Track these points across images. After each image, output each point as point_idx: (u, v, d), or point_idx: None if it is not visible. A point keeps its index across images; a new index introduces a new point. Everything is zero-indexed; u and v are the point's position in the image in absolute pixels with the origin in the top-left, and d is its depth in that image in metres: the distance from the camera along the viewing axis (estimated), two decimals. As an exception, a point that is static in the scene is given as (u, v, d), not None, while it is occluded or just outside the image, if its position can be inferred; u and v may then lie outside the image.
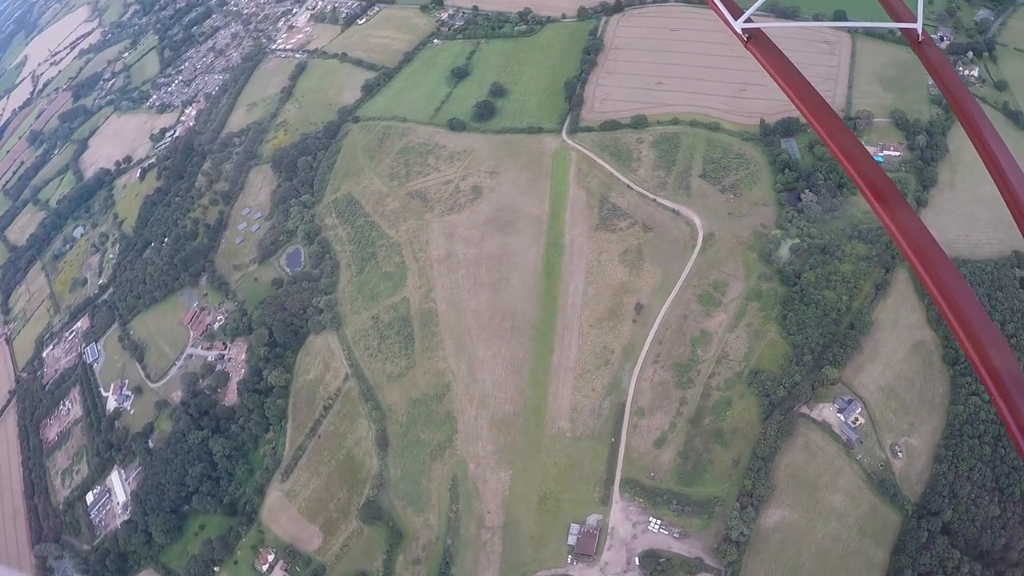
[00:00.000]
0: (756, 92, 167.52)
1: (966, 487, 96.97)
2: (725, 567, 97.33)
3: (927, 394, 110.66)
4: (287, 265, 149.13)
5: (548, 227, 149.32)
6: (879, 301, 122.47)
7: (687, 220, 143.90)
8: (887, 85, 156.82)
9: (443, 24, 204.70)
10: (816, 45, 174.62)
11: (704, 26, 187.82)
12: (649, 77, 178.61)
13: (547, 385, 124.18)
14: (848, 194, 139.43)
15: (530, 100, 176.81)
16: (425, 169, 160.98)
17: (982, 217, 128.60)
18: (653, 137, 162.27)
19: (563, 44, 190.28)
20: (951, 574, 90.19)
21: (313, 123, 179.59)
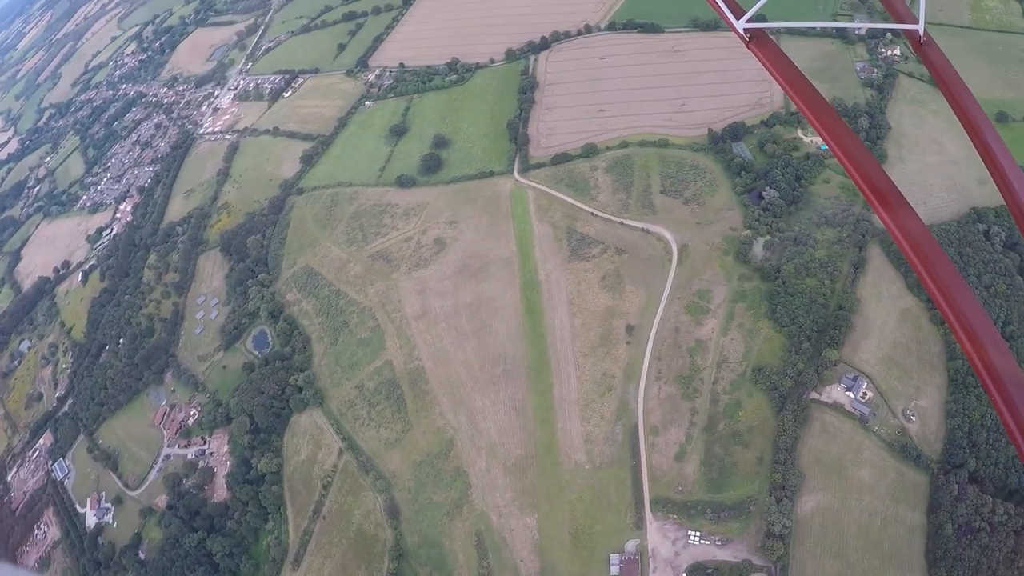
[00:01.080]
0: (696, 104, 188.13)
1: (982, 434, 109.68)
2: (774, 563, 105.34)
3: (924, 356, 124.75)
4: (255, 348, 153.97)
5: (520, 267, 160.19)
6: (860, 279, 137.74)
7: (658, 236, 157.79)
8: (818, 76, 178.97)
9: (371, 85, 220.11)
10: (743, 50, 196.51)
11: (631, 50, 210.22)
12: (589, 106, 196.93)
13: (554, 422, 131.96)
14: (807, 184, 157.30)
15: (475, 146, 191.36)
16: (382, 229, 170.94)
17: (935, 183, 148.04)
18: (606, 163, 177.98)
19: (497, 87, 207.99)
20: (988, 519, 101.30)
21: (256, 201, 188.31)
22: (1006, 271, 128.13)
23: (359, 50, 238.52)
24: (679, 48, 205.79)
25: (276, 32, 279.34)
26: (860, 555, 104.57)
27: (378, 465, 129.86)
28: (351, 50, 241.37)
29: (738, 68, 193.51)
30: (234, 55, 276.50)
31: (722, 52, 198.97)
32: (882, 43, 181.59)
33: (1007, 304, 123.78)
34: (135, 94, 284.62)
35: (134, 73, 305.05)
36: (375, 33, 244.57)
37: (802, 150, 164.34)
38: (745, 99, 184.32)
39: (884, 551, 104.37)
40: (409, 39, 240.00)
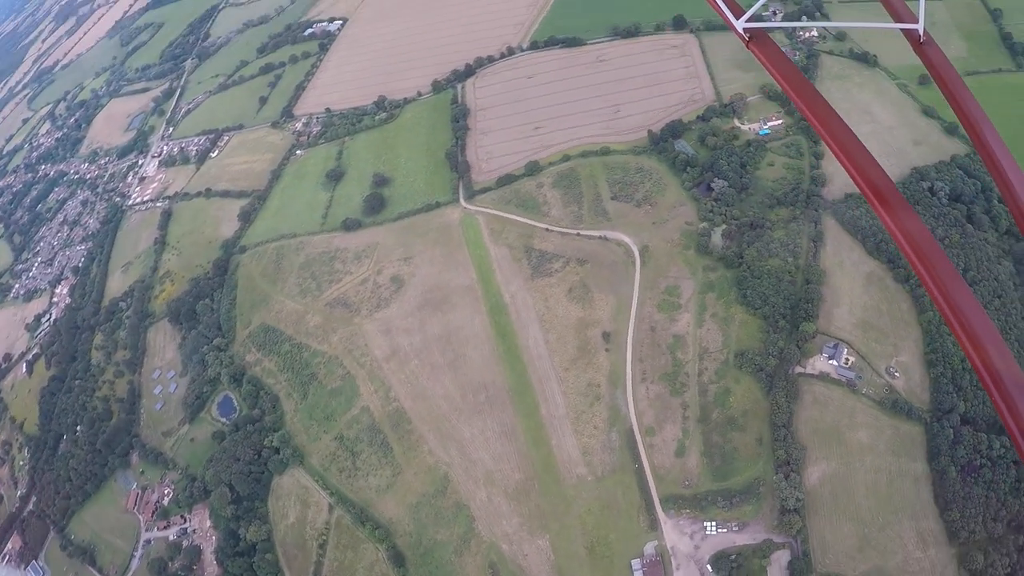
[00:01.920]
0: (631, 109, 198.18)
1: (965, 377, 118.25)
2: (794, 537, 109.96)
3: (896, 314, 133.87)
4: (221, 415, 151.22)
5: (483, 292, 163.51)
6: (820, 251, 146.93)
7: (617, 242, 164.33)
8: (744, 66, 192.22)
9: (300, 134, 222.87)
10: (667, 51, 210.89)
11: (557, 66, 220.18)
12: (524, 126, 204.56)
13: (547, 440, 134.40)
14: (753, 170, 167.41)
15: (416, 180, 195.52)
16: (335, 276, 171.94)
17: (874, 150, 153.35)
18: (551, 178, 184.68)
19: (429, 119, 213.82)
20: (987, 455, 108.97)
21: (199, 265, 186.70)
22: (956, 221, 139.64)
23: (282, 101, 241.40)
24: (604, 58, 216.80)
25: (194, 93, 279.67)
26: (874, 513, 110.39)
27: (373, 514, 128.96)
28: (273, 102, 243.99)
29: (664, 69, 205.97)
30: (153, 122, 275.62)
31: (646, 56, 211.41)
32: (799, 27, 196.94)
33: (963, 252, 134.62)
34: (56, 173, 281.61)
35: (52, 152, 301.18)
36: (296, 82, 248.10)
37: (742, 138, 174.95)
38: (677, 97, 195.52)
39: (895, 505, 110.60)
40: (331, 83, 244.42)
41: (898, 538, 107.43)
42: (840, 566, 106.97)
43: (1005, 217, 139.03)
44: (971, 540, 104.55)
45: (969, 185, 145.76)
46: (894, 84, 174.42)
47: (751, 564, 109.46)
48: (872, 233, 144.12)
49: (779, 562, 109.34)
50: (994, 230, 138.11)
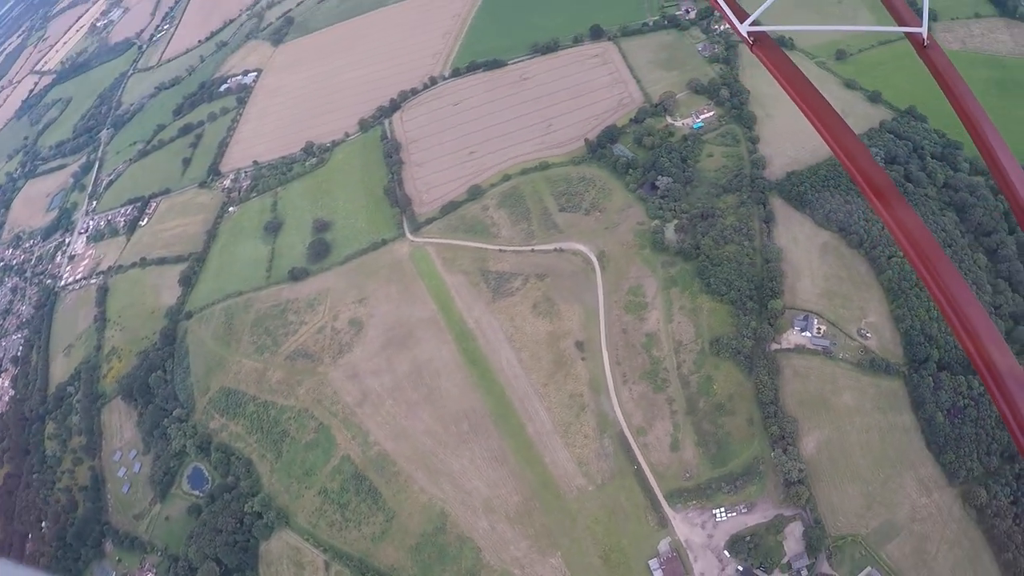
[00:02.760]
0: (562, 122, 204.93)
1: (933, 326, 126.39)
2: (803, 507, 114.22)
3: (856, 279, 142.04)
4: (194, 488, 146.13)
5: (446, 322, 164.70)
6: (773, 230, 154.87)
7: (573, 252, 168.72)
8: (667, 66, 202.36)
9: (230, 191, 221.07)
10: (588, 61, 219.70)
11: (481, 89, 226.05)
12: (459, 152, 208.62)
13: (540, 457, 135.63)
14: (694, 163, 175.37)
15: (358, 220, 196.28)
16: (290, 328, 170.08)
17: (804, 128, 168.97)
18: (495, 199, 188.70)
19: (361, 158, 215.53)
20: (968, 395, 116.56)
21: (145, 338, 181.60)
22: (896, 182, 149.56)
23: (206, 160, 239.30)
24: (527, 75, 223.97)
25: (113, 164, 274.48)
26: (873, 470, 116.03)
27: (373, 564, 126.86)
28: (198, 162, 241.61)
29: (589, 79, 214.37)
30: (75, 198, 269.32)
31: (569, 69, 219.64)
32: (714, 21, 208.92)
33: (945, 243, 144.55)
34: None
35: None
36: (218, 139, 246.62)
37: (677, 135, 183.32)
38: (607, 104, 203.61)
39: (891, 458, 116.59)
40: (255, 136, 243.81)
41: (901, 489, 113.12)
42: (853, 526, 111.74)
43: (941, 172, 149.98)
44: (970, 478, 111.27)
45: (902, 147, 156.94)
46: (813, 63, 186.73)
47: (767, 542, 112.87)
48: (819, 206, 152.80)
49: (793, 534, 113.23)
50: (932, 185, 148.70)
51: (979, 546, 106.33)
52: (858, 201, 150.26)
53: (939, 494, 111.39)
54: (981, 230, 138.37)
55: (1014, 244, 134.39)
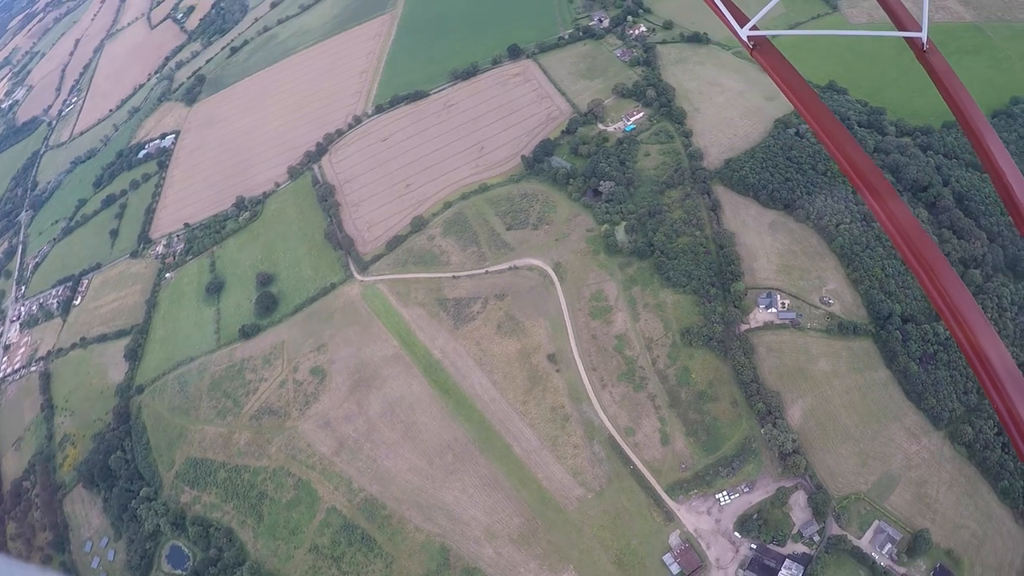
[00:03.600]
0: (494, 143, 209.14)
1: (889, 283, 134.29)
2: (802, 475, 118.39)
3: (809, 250, 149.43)
4: (175, 567, 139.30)
5: (411, 357, 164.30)
6: (721, 216, 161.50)
7: (528, 267, 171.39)
8: (589, 75, 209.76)
9: (164, 256, 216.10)
10: (511, 81, 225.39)
11: (408, 122, 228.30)
12: (395, 187, 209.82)
13: (534, 475, 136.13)
14: (632, 164, 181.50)
15: (302, 269, 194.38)
16: (250, 387, 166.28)
17: (734, 116, 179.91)
18: (440, 228, 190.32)
19: (295, 206, 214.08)
20: (935, 340, 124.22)
21: (98, 420, 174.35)
22: (826, 156, 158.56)
23: (134, 229, 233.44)
24: (451, 102, 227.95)
25: (37, 245, 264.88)
26: (861, 428, 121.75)
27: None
28: (126, 232, 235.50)
29: (514, 97, 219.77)
30: (2, 285, 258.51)
31: (493, 90, 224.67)
32: (627, 27, 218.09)
33: (838, 179, 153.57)
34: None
35: None
36: (144, 206, 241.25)
37: (612, 139, 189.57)
38: (536, 119, 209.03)
39: (876, 414, 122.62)
40: (182, 198, 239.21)
41: (891, 442, 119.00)
42: (853, 485, 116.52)
43: (871, 138, 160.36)
44: (953, 418, 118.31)
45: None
46: (730, 54, 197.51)
47: (774, 516, 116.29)
48: (762, 187, 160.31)
49: (798, 503, 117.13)
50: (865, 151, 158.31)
51: (975, 480, 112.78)
52: (798, 177, 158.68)
53: (927, 439, 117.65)
54: (918, 186, 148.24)
55: (951, 195, 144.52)
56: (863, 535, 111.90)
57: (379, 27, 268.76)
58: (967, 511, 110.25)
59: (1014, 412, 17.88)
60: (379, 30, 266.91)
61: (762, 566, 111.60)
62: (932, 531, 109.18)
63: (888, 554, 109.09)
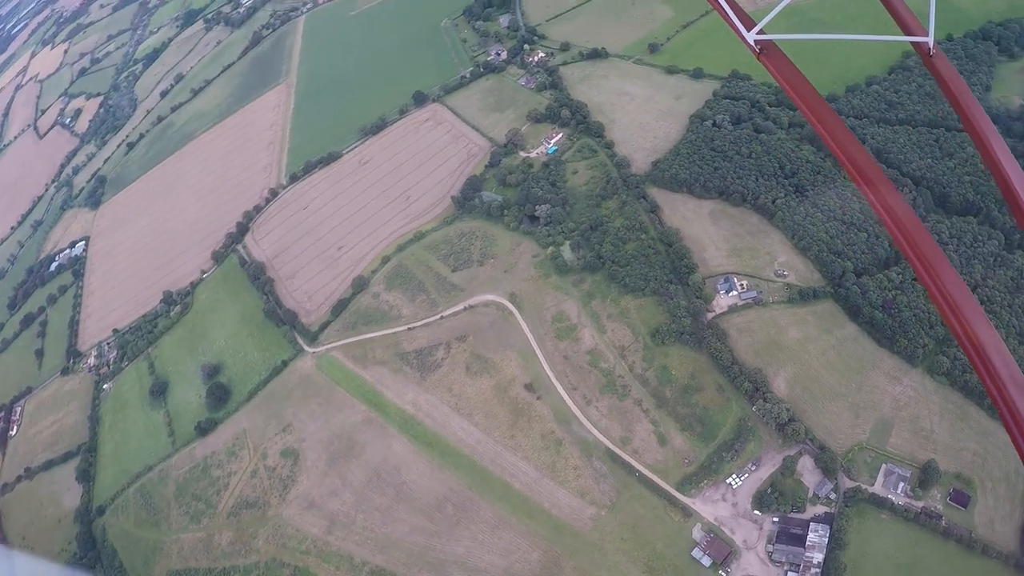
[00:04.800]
0: (419, 190, 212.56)
1: (836, 243, 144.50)
2: (803, 441, 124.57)
3: (752, 230, 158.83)
4: None
5: (384, 417, 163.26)
6: (661, 216, 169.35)
7: (483, 304, 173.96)
8: (499, 107, 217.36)
9: (98, 367, 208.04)
10: (423, 127, 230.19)
11: (326, 186, 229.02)
12: (327, 252, 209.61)
13: (540, 505, 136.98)
14: (563, 184, 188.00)
15: (248, 353, 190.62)
16: (220, 484, 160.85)
17: (648, 121, 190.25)
18: (383, 283, 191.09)
19: (227, 290, 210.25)
20: (892, 285, 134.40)
21: (62, 551, 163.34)
22: (750, 137, 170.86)
23: (60, 345, 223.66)
24: (366, 159, 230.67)
25: None
26: (845, 383, 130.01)
27: None
28: (52, 350, 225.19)
29: (430, 142, 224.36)
30: None
31: (406, 139, 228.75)
32: (525, 55, 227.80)
33: (771, 155, 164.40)
34: None
35: None
36: (66, 320, 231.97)
37: (537, 164, 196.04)
38: (456, 159, 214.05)
39: (855, 367, 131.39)
40: (105, 304, 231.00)
41: (876, 389, 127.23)
42: (853, 437, 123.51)
43: (784, 115, 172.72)
44: (927, 353, 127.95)
45: (742, 106, 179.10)
46: (630, 63, 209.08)
47: (787, 485, 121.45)
48: (693, 180, 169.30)
49: (807, 467, 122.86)
50: (781, 129, 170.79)
51: (962, 404, 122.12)
52: (726, 165, 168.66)
53: (908, 378, 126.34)
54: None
55: (871, 151, 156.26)
56: (875, 481, 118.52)
57: (277, 98, 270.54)
58: (963, 434, 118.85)
59: (1012, 406, 18.60)
60: (277, 100, 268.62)
61: (789, 536, 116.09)
62: (937, 460, 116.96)
63: (903, 492, 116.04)
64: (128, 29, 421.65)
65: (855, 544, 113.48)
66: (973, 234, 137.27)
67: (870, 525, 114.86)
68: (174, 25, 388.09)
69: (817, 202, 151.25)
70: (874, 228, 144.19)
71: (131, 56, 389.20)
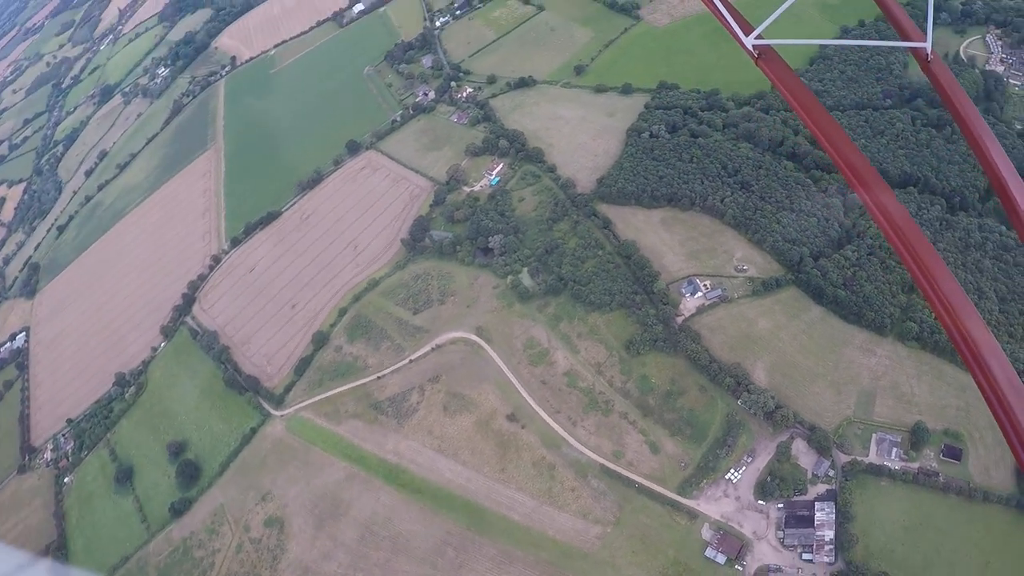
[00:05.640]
0: (367, 238, 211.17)
1: (788, 231, 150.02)
2: (793, 425, 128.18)
3: (706, 231, 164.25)
4: None
5: (367, 471, 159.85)
6: (615, 231, 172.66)
7: (451, 341, 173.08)
8: (436, 146, 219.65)
9: (56, 461, 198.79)
10: (360, 174, 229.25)
11: (270, 245, 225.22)
12: (280, 312, 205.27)
13: (545, 534, 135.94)
14: (512, 212, 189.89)
15: (213, 425, 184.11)
16: (204, 564, 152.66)
17: (586, 140, 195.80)
18: (344, 336, 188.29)
19: (181, 365, 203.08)
20: (849, 264, 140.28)
21: None
22: (687, 143, 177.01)
23: (13, 442, 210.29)
24: (307, 213, 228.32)
25: None
26: (821, 363, 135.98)
27: None
28: (3, 448, 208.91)
29: (370, 190, 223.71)
30: None
31: (346, 189, 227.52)
32: (453, 92, 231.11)
33: (712, 156, 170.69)
34: None
35: None
36: (15, 416, 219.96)
37: (483, 197, 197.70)
38: (400, 203, 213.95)
39: (828, 346, 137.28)
40: (55, 394, 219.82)
41: (852, 363, 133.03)
42: (840, 413, 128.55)
43: (717, 118, 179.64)
44: (895, 320, 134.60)
45: (675, 114, 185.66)
46: (559, 87, 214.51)
47: (785, 470, 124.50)
48: (640, 192, 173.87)
49: (801, 450, 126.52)
50: (716, 131, 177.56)
51: (936, 364, 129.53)
52: (670, 172, 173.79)
53: (881, 348, 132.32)
54: (774, 143, 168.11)
55: (805, 140, 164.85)
56: (869, 451, 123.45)
57: (206, 164, 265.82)
58: (943, 392, 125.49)
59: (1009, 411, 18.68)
60: (207, 167, 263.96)
61: (797, 519, 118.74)
62: (924, 421, 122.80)
63: (897, 457, 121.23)
64: (44, 111, 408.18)
65: (862, 515, 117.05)
66: (917, 203, 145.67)
67: (872, 494, 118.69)
68: (91, 103, 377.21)
69: (764, 195, 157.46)
70: (823, 212, 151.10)
71: (50, 138, 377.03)
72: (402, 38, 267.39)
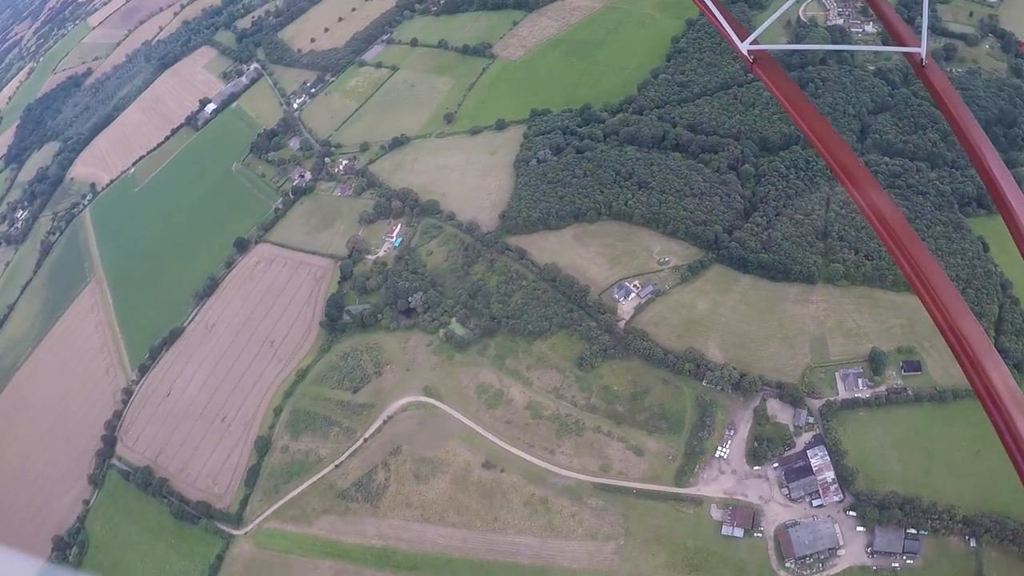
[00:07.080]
0: (281, 331, 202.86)
1: (697, 215, 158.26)
2: (761, 388, 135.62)
3: (619, 236, 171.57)
4: None
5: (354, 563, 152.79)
6: (531, 259, 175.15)
7: (401, 408, 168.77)
8: (325, 224, 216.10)
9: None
10: (255, 270, 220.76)
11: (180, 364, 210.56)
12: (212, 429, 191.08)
13: (560, 566, 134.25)
14: (426, 267, 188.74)
15: (173, 563, 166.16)
16: None
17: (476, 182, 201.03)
18: (287, 435, 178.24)
19: (120, 511, 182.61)
20: (759, 231, 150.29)
21: None
22: (575, 162, 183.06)
23: None
24: (211, 322, 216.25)
25: None
26: (767, 325, 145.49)
27: None
28: None
29: (272, 284, 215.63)
30: None
31: (243, 291, 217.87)
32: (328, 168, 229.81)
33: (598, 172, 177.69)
34: None
35: None
36: None
37: (390, 261, 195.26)
38: (305, 289, 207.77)
39: (767, 308, 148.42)
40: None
41: (795, 317, 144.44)
42: (799, 363, 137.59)
43: (598, 129, 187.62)
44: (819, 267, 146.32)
45: (555, 137, 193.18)
46: (434, 138, 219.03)
47: (768, 431, 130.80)
48: (547, 216, 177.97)
49: (776, 409, 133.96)
50: (599, 143, 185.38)
51: (869, 293, 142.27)
52: (568, 191, 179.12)
53: (816, 295, 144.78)
54: (656, 140, 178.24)
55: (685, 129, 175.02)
56: (837, 389, 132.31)
57: (91, 297, 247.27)
58: (883, 315, 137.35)
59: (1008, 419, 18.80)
60: (92, 300, 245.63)
61: (796, 471, 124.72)
62: (877, 346, 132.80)
63: (864, 386, 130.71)
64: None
65: (852, 448, 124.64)
66: (806, 158, 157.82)
67: (854, 426, 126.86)
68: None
69: (664, 188, 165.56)
70: (722, 189, 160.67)
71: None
72: (263, 127, 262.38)
